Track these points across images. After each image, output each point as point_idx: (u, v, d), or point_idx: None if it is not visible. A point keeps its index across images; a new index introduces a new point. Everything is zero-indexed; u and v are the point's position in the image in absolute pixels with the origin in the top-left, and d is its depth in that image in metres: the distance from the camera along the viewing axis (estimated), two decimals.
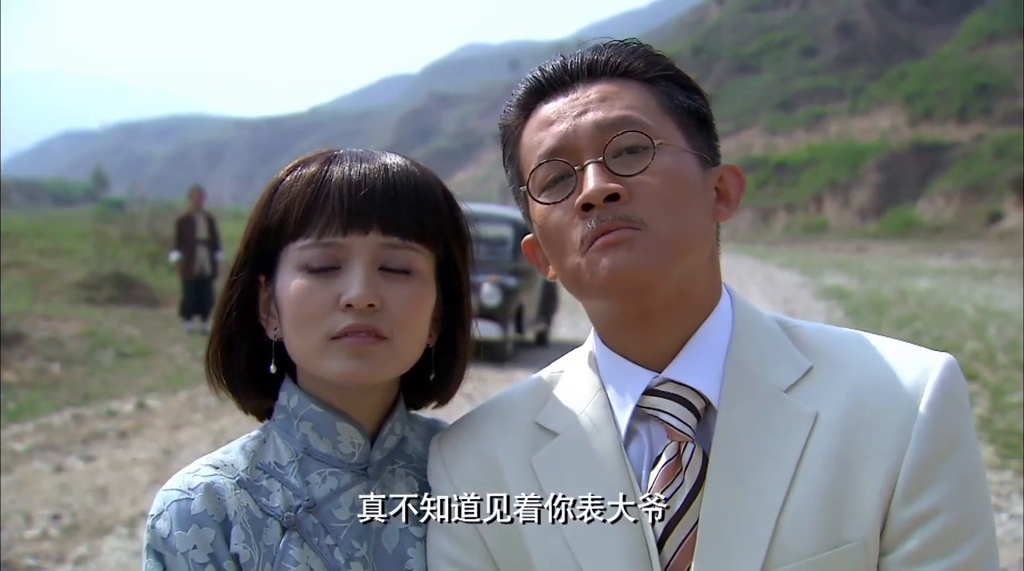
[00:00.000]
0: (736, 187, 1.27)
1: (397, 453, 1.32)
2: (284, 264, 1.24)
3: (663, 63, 1.25)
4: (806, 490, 1.13)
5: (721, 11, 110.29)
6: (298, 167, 1.28)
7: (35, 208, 56.05)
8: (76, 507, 5.88)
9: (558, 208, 1.20)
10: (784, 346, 1.23)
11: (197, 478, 1.22)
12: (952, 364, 1.19)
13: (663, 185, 1.16)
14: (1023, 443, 7.10)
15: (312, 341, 1.21)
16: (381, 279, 1.22)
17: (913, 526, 1.12)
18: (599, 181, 1.16)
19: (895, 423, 1.14)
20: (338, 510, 1.26)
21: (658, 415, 1.20)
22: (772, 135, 68.13)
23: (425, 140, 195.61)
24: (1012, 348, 11.72)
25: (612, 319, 1.24)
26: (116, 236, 20.40)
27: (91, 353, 10.93)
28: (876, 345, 1.23)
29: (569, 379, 1.31)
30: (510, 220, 14.10)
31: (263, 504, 1.23)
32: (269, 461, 1.27)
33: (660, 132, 1.19)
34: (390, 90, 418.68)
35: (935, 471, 1.12)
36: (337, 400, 1.27)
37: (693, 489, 1.16)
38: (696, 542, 1.14)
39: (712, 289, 1.25)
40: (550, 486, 1.21)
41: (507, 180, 1.33)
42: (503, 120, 1.31)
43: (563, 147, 1.20)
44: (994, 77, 59.32)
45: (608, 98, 1.21)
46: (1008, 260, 29.49)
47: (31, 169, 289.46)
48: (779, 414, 1.17)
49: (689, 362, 1.21)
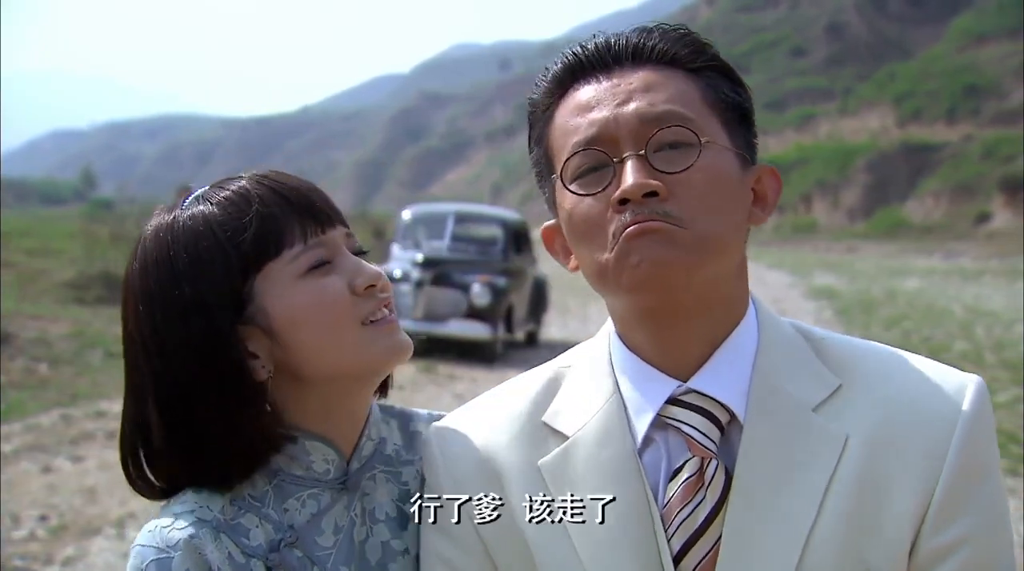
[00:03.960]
0: (774, 190, 1.21)
1: (376, 458, 1.29)
2: (271, 286, 1.19)
3: (709, 52, 1.18)
4: (834, 515, 1.09)
5: (711, 11, 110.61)
6: (209, 204, 1.21)
7: (24, 207, 55.80)
8: (64, 508, 5.85)
9: (591, 199, 1.13)
10: (810, 361, 1.18)
11: (175, 533, 1.15)
12: (983, 387, 1.15)
13: (705, 185, 1.10)
14: (1010, 443, 7.13)
15: (347, 334, 1.20)
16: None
17: (942, 556, 1.09)
18: (639, 176, 1.09)
19: (927, 448, 1.10)
20: (321, 536, 1.22)
21: (680, 427, 1.15)
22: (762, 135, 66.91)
23: (416, 140, 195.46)
24: (1000, 348, 11.77)
25: (634, 317, 1.18)
26: (105, 236, 20.25)
27: (79, 353, 10.87)
28: (905, 363, 1.18)
29: (579, 377, 1.25)
30: (500, 220, 14.12)
31: (243, 545, 1.18)
32: (243, 494, 1.21)
33: (704, 128, 1.13)
34: (380, 90, 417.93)
35: (967, 500, 1.09)
36: (315, 421, 1.24)
37: (715, 507, 1.12)
38: (718, 563, 1.11)
39: (741, 297, 1.20)
40: (559, 490, 1.17)
41: (531, 162, 1.25)
42: (533, 95, 1.22)
43: (602, 136, 1.13)
44: (982, 78, 59.52)
45: (652, 88, 1.13)
46: (996, 260, 29.61)
47: (20, 168, 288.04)
48: (808, 435, 1.13)
49: (716, 373, 1.16)
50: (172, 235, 1.20)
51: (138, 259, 1.22)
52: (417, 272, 11.82)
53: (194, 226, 1.19)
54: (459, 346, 11.55)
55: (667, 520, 1.13)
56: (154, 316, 1.19)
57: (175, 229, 1.20)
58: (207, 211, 1.20)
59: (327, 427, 1.24)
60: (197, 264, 1.18)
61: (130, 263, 1.23)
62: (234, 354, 1.18)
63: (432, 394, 9.37)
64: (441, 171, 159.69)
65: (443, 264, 12.32)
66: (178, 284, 1.18)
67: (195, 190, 1.27)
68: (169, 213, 1.23)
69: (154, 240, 1.21)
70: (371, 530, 1.25)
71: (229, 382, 1.18)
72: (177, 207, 1.23)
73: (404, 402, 1.34)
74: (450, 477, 1.23)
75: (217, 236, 1.18)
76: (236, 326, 1.18)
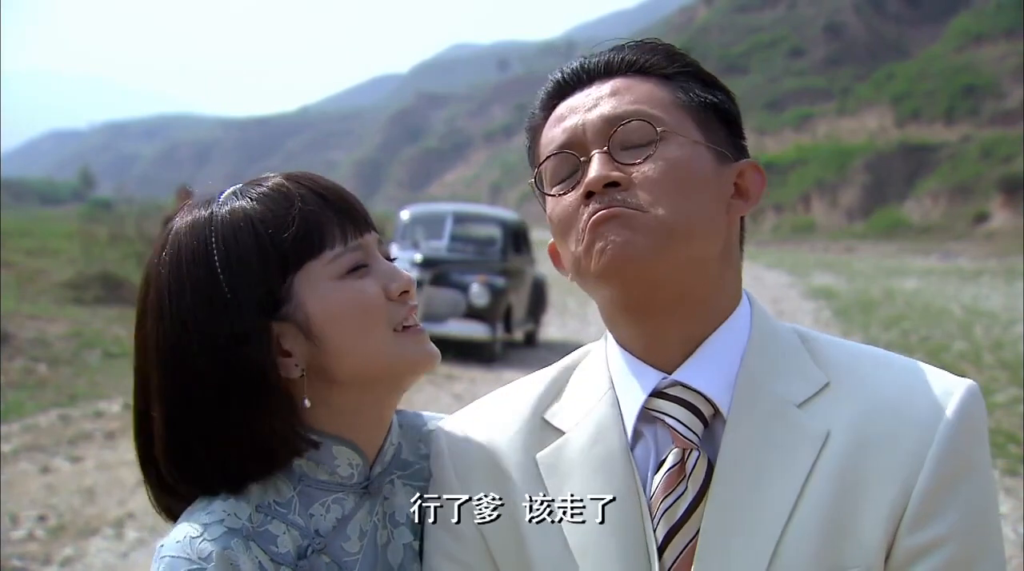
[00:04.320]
0: (757, 184, 1.25)
1: (393, 463, 1.30)
2: (310, 285, 1.19)
3: (683, 60, 1.25)
4: (811, 510, 1.11)
5: (709, 11, 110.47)
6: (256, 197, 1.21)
7: (22, 207, 55.73)
8: (62, 508, 5.85)
9: (565, 199, 1.20)
10: (801, 360, 1.21)
11: (206, 544, 1.13)
12: (975, 391, 1.16)
13: (665, 174, 1.15)
14: (1008, 442, 7.13)
15: (379, 339, 1.21)
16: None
17: (918, 555, 1.10)
18: (600, 169, 1.16)
19: (908, 447, 1.12)
20: (347, 543, 1.22)
21: (664, 419, 1.19)
22: (760, 135, 68.23)
23: (414, 140, 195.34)
24: (998, 348, 11.78)
25: (615, 310, 1.22)
26: (103, 236, 20.28)
27: (78, 353, 10.87)
28: (898, 365, 1.20)
29: (581, 375, 1.29)
30: (499, 220, 14.12)
31: (272, 553, 1.17)
32: (268, 501, 1.20)
33: (669, 123, 1.18)
34: (379, 90, 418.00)
35: (946, 499, 1.10)
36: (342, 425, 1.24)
37: (696, 498, 1.15)
38: (696, 552, 1.13)
39: (728, 292, 1.23)
40: (554, 485, 1.21)
41: (534, 182, 1.30)
42: (528, 122, 1.31)
43: (571, 141, 1.20)
44: (980, 78, 59.54)
45: (619, 92, 1.21)
46: (994, 260, 29.63)
47: (18, 168, 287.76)
48: (789, 430, 1.15)
49: (700, 366, 1.19)
50: (211, 228, 1.19)
51: (168, 251, 1.20)
52: (416, 272, 11.78)
53: (234, 221, 1.19)
54: (458, 346, 11.55)
55: (652, 510, 1.16)
56: (181, 309, 1.17)
57: (214, 222, 1.20)
58: (248, 207, 1.20)
59: (354, 431, 1.25)
60: (235, 258, 1.17)
61: (157, 256, 1.21)
62: (256, 352, 1.17)
63: (431, 394, 9.38)
64: (440, 171, 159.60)
65: (442, 264, 12.32)
66: (214, 278, 1.17)
67: (195, 190, 1.26)
68: (205, 208, 1.22)
69: (190, 233, 1.20)
70: (392, 533, 1.26)
71: (248, 381, 1.17)
72: (213, 202, 1.22)
73: (403, 402, 1.35)
74: (455, 474, 1.26)
75: (258, 231, 1.18)
76: (270, 323, 1.18)
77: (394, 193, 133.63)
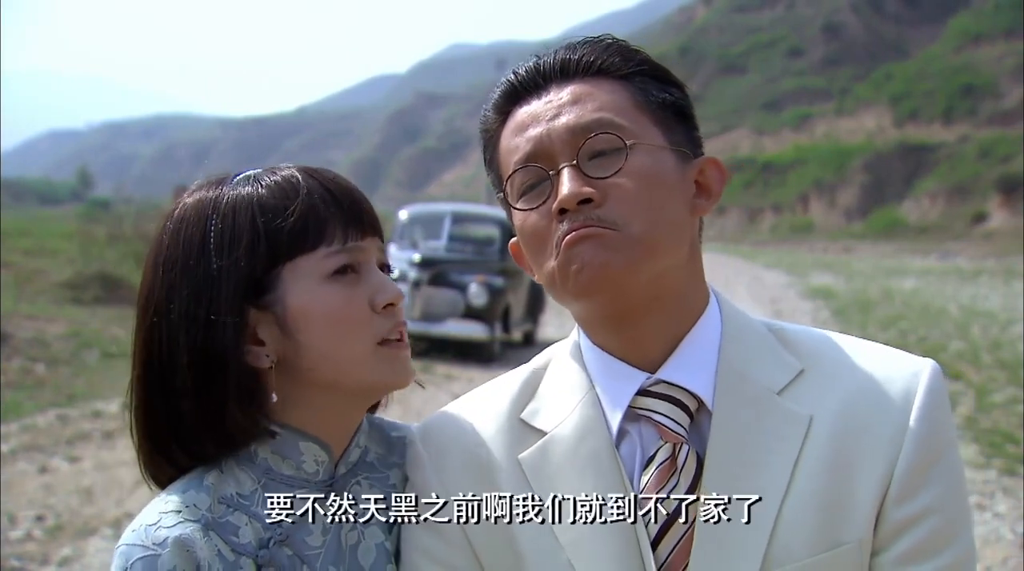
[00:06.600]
0: (717, 181, 1.25)
1: (360, 465, 1.29)
2: (297, 279, 1.19)
3: (638, 58, 1.24)
4: (802, 493, 1.14)
5: (708, 11, 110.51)
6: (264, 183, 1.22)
7: (21, 207, 55.73)
8: (61, 508, 5.85)
9: (535, 213, 1.19)
10: (774, 348, 1.24)
11: (162, 531, 1.14)
12: (938, 370, 1.21)
13: (637, 186, 1.16)
14: (1007, 442, 7.14)
15: (359, 348, 1.20)
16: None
17: (905, 526, 1.15)
18: (573, 186, 1.15)
19: (887, 431, 1.16)
20: (310, 536, 1.22)
21: (651, 416, 1.20)
22: (759, 135, 68.26)
23: (412, 140, 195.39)
24: (996, 348, 11.79)
25: (593, 321, 1.24)
26: (101, 236, 20.25)
27: (76, 353, 10.87)
28: (861, 349, 1.25)
29: (555, 375, 1.29)
30: (497, 220, 14.09)
31: (233, 543, 1.18)
32: (231, 493, 1.21)
33: (635, 130, 1.18)
34: (377, 90, 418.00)
35: (927, 475, 1.16)
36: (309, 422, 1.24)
37: (688, 491, 1.16)
38: (692, 544, 1.14)
39: (697, 290, 1.25)
40: (540, 485, 1.21)
41: (490, 183, 1.32)
42: (482, 125, 1.30)
43: (538, 152, 1.20)
44: (979, 78, 59.63)
45: (581, 99, 1.20)
46: (992, 260, 29.67)
47: (17, 168, 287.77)
48: (774, 417, 1.18)
49: (682, 364, 1.21)
50: (213, 207, 1.21)
51: (172, 223, 1.22)
52: (414, 272, 11.81)
53: (237, 202, 1.20)
54: (456, 346, 11.55)
55: (643, 506, 1.17)
56: (172, 277, 1.19)
57: (218, 202, 1.21)
58: (253, 191, 1.21)
59: (319, 430, 1.25)
60: (228, 237, 1.18)
61: (163, 226, 1.23)
62: (225, 333, 1.17)
63: (429, 394, 9.35)
64: (438, 171, 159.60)
65: (440, 264, 12.32)
66: (205, 252, 1.18)
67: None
68: (217, 188, 1.23)
69: (195, 209, 1.22)
70: (363, 534, 1.26)
71: (212, 359, 1.18)
72: (226, 182, 1.24)
73: (401, 402, 1.35)
74: (436, 474, 1.25)
75: (255, 216, 1.19)
76: (248, 307, 1.19)
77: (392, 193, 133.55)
